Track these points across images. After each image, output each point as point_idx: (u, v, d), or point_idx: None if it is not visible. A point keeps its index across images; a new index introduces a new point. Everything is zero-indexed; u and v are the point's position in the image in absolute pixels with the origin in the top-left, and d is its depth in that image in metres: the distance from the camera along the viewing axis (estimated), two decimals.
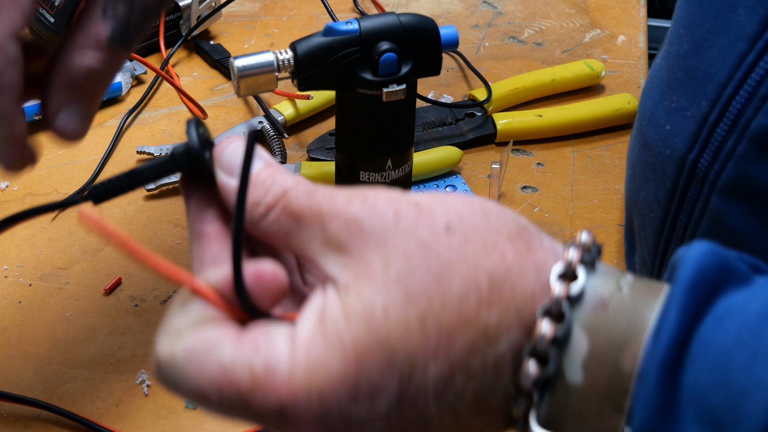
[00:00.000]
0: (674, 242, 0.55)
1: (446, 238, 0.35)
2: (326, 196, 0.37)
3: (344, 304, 0.35)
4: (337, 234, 0.36)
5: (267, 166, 0.38)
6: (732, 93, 0.50)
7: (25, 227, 0.79)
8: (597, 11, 1.07)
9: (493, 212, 0.36)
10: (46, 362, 0.68)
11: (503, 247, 0.35)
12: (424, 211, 0.36)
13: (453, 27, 0.64)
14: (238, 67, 0.61)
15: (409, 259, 0.35)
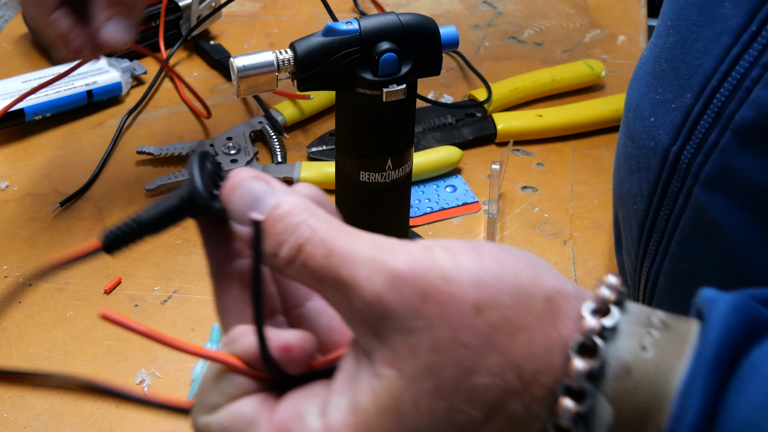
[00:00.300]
0: (656, 234, 0.55)
1: (474, 321, 0.34)
2: (345, 258, 0.35)
3: (375, 393, 0.35)
4: (363, 313, 0.35)
5: (276, 207, 0.37)
6: (716, 85, 0.50)
7: (25, 227, 0.79)
8: (597, 11, 1.07)
9: (525, 285, 0.35)
10: (46, 362, 0.68)
11: (531, 331, 0.35)
12: (452, 287, 0.34)
13: (453, 27, 0.64)
14: (238, 67, 0.61)
15: (436, 349, 0.34)
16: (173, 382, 0.66)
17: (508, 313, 0.34)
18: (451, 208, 0.81)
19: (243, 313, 0.39)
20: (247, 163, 0.84)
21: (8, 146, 0.88)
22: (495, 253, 0.36)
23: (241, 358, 0.37)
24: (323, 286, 0.36)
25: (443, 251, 0.35)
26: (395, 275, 0.34)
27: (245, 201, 0.37)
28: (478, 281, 0.35)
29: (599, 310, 0.35)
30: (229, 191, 0.38)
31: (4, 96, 0.88)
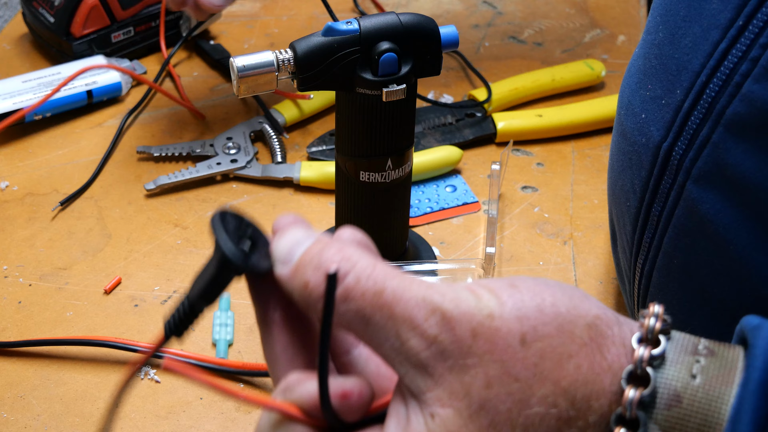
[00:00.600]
0: (649, 231, 0.55)
1: (522, 353, 0.35)
2: (398, 298, 0.36)
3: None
4: (418, 353, 0.36)
5: (319, 242, 0.38)
6: (705, 81, 0.50)
7: (24, 227, 0.79)
8: (597, 11, 1.07)
9: (565, 314, 0.36)
10: (46, 362, 0.68)
11: (577, 358, 0.36)
12: (498, 323, 0.36)
13: (453, 27, 0.64)
14: (238, 67, 0.61)
15: (489, 385, 0.35)
16: (173, 382, 0.66)
17: (553, 343, 0.36)
18: (451, 208, 0.81)
19: (293, 360, 0.40)
20: (247, 162, 0.84)
21: (8, 146, 0.88)
22: (532, 287, 0.37)
23: (299, 405, 0.37)
24: (368, 326, 0.36)
25: (485, 291, 0.37)
26: (448, 316, 0.35)
27: (287, 245, 0.38)
28: (521, 315, 0.36)
29: (646, 339, 0.36)
30: (275, 238, 0.39)
31: (4, 96, 0.88)
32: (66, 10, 0.93)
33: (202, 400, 0.65)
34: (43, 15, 0.95)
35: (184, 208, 0.81)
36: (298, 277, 0.37)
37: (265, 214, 0.80)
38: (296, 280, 0.37)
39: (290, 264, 0.38)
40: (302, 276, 0.37)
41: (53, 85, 0.89)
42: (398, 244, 0.73)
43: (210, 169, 0.83)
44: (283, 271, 0.38)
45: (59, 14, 0.94)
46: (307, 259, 0.37)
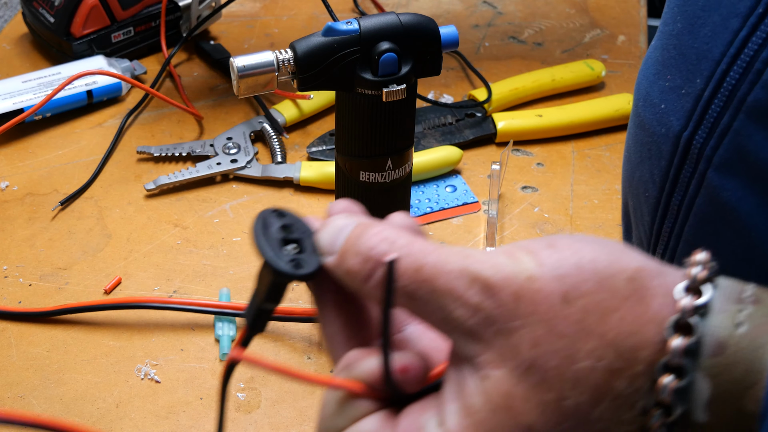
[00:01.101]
0: (669, 220, 0.56)
1: (565, 311, 0.36)
2: (438, 271, 0.37)
3: (486, 394, 0.37)
4: (464, 321, 0.37)
5: (358, 226, 0.39)
6: (726, 69, 0.50)
7: (24, 227, 0.79)
8: (597, 11, 1.07)
9: (605, 269, 0.37)
10: (46, 362, 0.68)
11: (621, 311, 0.36)
12: (538, 285, 0.36)
13: (453, 27, 0.64)
14: (238, 67, 0.61)
15: (536, 344, 0.36)
16: (173, 382, 0.66)
17: (595, 298, 0.36)
18: (451, 208, 0.81)
19: (350, 339, 0.41)
20: (247, 163, 0.84)
21: (8, 146, 0.88)
22: (570, 245, 0.38)
23: (361, 381, 0.39)
24: (413, 301, 0.38)
25: (523, 253, 0.37)
26: (489, 283, 0.37)
27: (330, 235, 0.40)
28: (560, 275, 0.37)
29: (691, 288, 0.37)
30: (319, 230, 0.41)
31: (4, 96, 0.88)
32: (66, 10, 0.93)
33: (202, 401, 0.65)
34: (43, 15, 0.95)
35: (184, 208, 0.81)
36: (342, 264, 0.39)
37: None
38: (341, 268, 0.39)
39: (335, 253, 0.39)
40: (345, 263, 0.39)
41: (53, 85, 0.89)
42: None
43: (210, 169, 0.83)
44: (329, 261, 0.40)
45: (59, 14, 0.94)
46: (348, 245, 0.39)
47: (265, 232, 0.40)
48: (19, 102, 0.87)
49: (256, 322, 0.41)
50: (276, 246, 0.39)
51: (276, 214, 0.41)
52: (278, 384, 0.66)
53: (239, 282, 0.74)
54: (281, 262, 0.39)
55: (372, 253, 0.38)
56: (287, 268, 0.39)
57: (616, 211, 0.80)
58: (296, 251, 0.40)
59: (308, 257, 0.40)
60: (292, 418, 0.64)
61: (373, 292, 0.38)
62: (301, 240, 0.40)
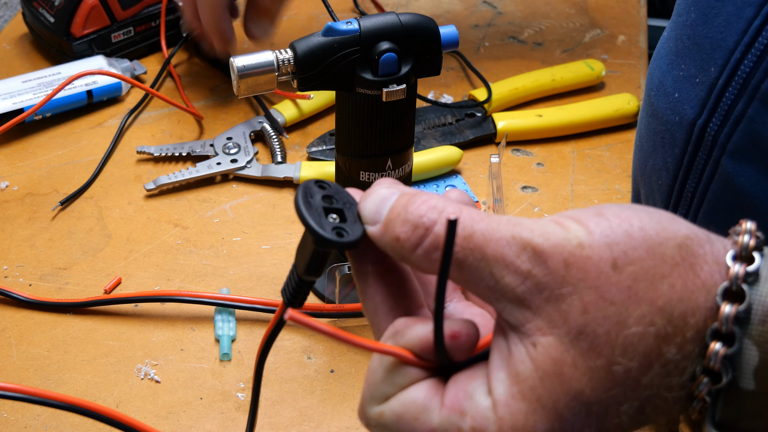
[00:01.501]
0: (683, 207, 0.57)
1: (615, 277, 0.36)
2: (488, 239, 0.37)
3: (535, 360, 0.37)
4: (513, 288, 0.37)
5: (403, 195, 0.39)
6: (740, 58, 0.51)
7: (24, 227, 0.79)
8: (597, 11, 1.07)
9: (654, 236, 0.37)
10: (46, 362, 0.68)
11: (670, 278, 0.36)
12: (588, 252, 0.37)
13: (453, 27, 0.64)
14: (238, 67, 0.61)
15: (586, 310, 0.36)
16: (173, 382, 0.66)
17: (645, 265, 0.37)
18: None
19: (394, 309, 0.42)
20: (247, 163, 0.84)
21: (8, 146, 0.88)
22: (618, 213, 0.38)
23: (410, 349, 0.39)
24: (462, 269, 0.37)
25: (572, 221, 0.38)
26: (539, 250, 0.37)
27: (374, 204, 0.40)
28: (610, 242, 0.37)
29: (740, 256, 0.37)
30: (361, 200, 0.41)
31: (4, 96, 0.88)
32: (66, 10, 0.93)
33: (202, 400, 0.65)
34: (43, 15, 0.95)
35: (184, 208, 0.81)
36: (388, 233, 0.39)
37: (265, 214, 0.80)
38: (387, 236, 0.39)
39: (379, 222, 0.39)
40: (392, 231, 0.39)
41: (53, 85, 0.89)
42: None
43: (210, 169, 0.83)
44: (374, 230, 0.40)
45: (59, 14, 0.94)
46: (395, 214, 0.39)
47: (307, 201, 0.40)
48: (19, 102, 0.87)
49: (297, 295, 0.41)
50: (319, 215, 0.39)
51: (318, 185, 0.41)
52: (278, 384, 0.66)
53: (239, 282, 0.74)
54: (325, 230, 0.38)
55: (422, 220, 0.38)
56: (331, 235, 0.38)
57: None
58: (339, 220, 0.40)
59: (351, 226, 0.40)
60: (292, 418, 0.64)
61: (421, 260, 0.38)
62: (343, 210, 0.40)
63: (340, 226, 0.39)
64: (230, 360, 0.68)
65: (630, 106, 0.89)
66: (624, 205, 0.39)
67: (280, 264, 0.76)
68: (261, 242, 0.78)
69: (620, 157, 0.86)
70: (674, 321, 0.36)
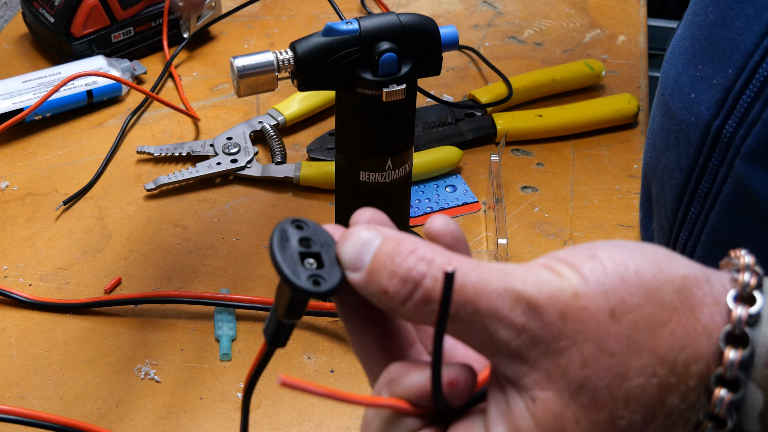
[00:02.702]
0: (695, 207, 0.56)
1: (614, 327, 0.35)
2: (479, 291, 0.35)
3: (535, 416, 0.36)
4: (508, 342, 0.35)
5: (386, 241, 0.37)
6: (759, 61, 0.51)
7: (24, 227, 0.79)
8: (597, 11, 1.07)
9: (651, 280, 0.36)
10: (46, 362, 0.68)
11: (671, 324, 0.35)
12: (584, 302, 0.35)
13: (453, 27, 0.64)
14: (238, 67, 0.61)
15: (585, 363, 0.35)
16: (173, 382, 0.66)
17: (644, 312, 0.35)
18: (451, 207, 0.81)
19: (385, 351, 0.40)
20: (247, 162, 0.84)
21: (8, 146, 0.88)
22: (613, 255, 0.36)
23: (406, 398, 0.38)
24: (454, 322, 0.36)
25: (566, 267, 0.36)
26: (533, 303, 0.35)
27: (354, 249, 0.37)
28: (606, 289, 0.35)
29: (741, 296, 0.36)
30: (340, 243, 0.38)
31: (4, 96, 0.88)
32: (66, 10, 0.93)
33: (202, 400, 0.65)
34: (43, 15, 0.95)
35: (184, 208, 0.81)
36: (374, 284, 0.36)
37: (265, 214, 0.80)
38: (372, 287, 0.37)
39: (362, 270, 0.37)
40: (378, 283, 0.36)
41: (53, 85, 0.89)
42: None
43: (210, 169, 0.83)
44: (356, 278, 0.37)
45: (59, 14, 0.94)
46: (380, 264, 0.36)
47: (282, 246, 0.38)
48: (19, 102, 0.87)
49: (277, 337, 0.40)
50: (294, 261, 0.38)
51: (295, 225, 0.39)
52: None
53: (239, 282, 0.74)
54: (300, 279, 0.37)
55: (411, 274, 0.36)
56: (306, 285, 0.37)
57: (616, 211, 0.80)
58: (316, 266, 0.38)
59: (328, 272, 0.38)
60: (292, 418, 0.64)
61: (411, 314, 0.36)
62: (320, 254, 0.38)
63: (316, 273, 0.37)
64: (230, 360, 0.68)
65: (630, 106, 0.89)
66: (617, 243, 0.37)
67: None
68: (261, 242, 0.78)
69: (620, 157, 0.86)
70: (677, 370, 0.35)
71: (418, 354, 0.41)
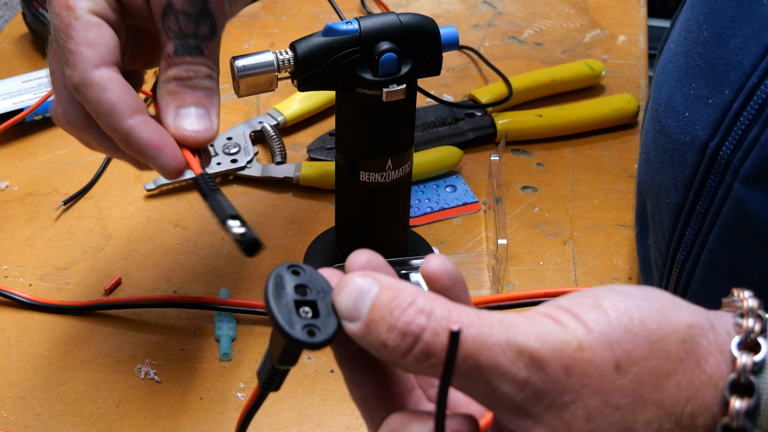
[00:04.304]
0: (692, 228, 0.55)
1: (619, 380, 0.34)
2: (480, 345, 0.35)
3: None
4: (512, 397, 0.35)
5: (384, 291, 0.36)
6: (756, 83, 0.50)
7: (24, 227, 0.79)
8: (597, 11, 1.07)
9: (656, 331, 0.35)
10: (46, 362, 0.68)
11: (676, 376, 0.35)
12: (589, 354, 0.35)
13: (453, 27, 0.64)
14: (238, 67, 0.61)
15: (590, 417, 0.34)
16: (173, 382, 0.66)
17: (649, 364, 0.35)
18: (451, 208, 0.81)
19: (385, 398, 0.39)
20: (247, 162, 0.84)
21: (8, 146, 0.88)
22: (617, 304, 0.35)
23: None
24: (456, 377, 0.35)
25: (568, 316, 0.35)
26: (536, 356, 0.34)
27: (351, 299, 0.37)
28: (611, 341, 0.35)
29: (746, 343, 0.35)
30: (336, 291, 0.37)
31: (4, 96, 0.88)
32: None
33: (202, 400, 0.65)
34: (43, 15, 0.95)
35: (184, 208, 0.81)
36: (372, 335, 0.36)
37: (265, 214, 0.80)
38: (371, 339, 0.36)
39: (359, 321, 0.36)
40: (377, 336, 0.35)
41: None
42: (398, 244, 0.73)
43: (210, 169, 0.83)
44: (354, 328, 0.36)
45: None
46: (378, 316, 0.36)
47: (278, 293, 0.37)
48: (19, 102, 0.87)
49: (271, 381, 0.39)
50: (290, 310, 0.37)
51: (291, 271, 0.38)
52: None
53: (239, 282, 0.74)
54: (294, 330, 0.36)
55: (411, 327, 0.35)
56: (301, 335, 0.36)
57: (616, 211, 0.80)
58: (312, 315, 0.37)
59: (324, 321, 0.37)
60: (292, 418, 0.64)
61: (410, 366, 0.35)
62: (316, 302, 0.38)
63: (311, 323, 0.36)
64: (230, 360, 0.68)
65: (630, 106, 0.89)
66: (620, 290, 0.36)
67: (280, 264, 0.75)
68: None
69: (620, 157, 0.86)
70: (683, 423, 0.34)
71: (417, 400, 0.40)
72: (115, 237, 0.78)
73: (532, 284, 0.74)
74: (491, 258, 0.71)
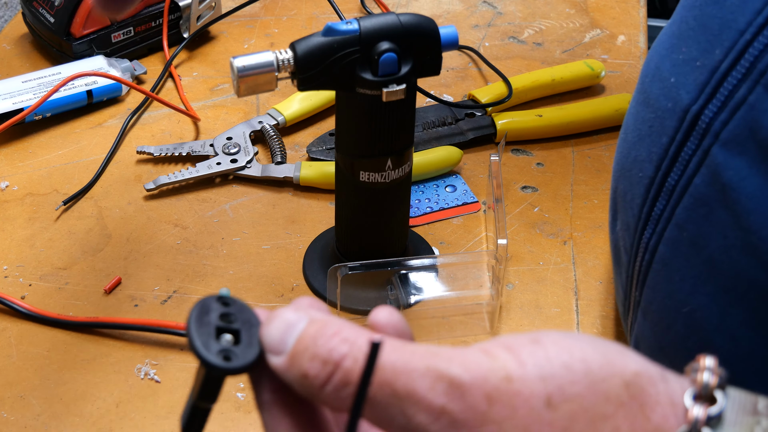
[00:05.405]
0: (661, 201, 0.53)
1: (549, 416, 0.32)
2: (398, 371, 0.33)
3: None
4: (426, 428, 0.32)
5: (312, 323, 0.35)
6: (749, 39, 0.47)
7: (24, 227, 0.79)
8: (597, 11, 1.07)
9: (597, 371, 0.33)
10: (46, 362, 0.68)
11: (614, 420, 0.32)
12: (518, 386, 0.32)
13: (453, 27, 0.64)
14: (238, 67, 0.61)
15: None
16: (173, 382, 0.66)
17: (584, 403, 0.32)
18: (451, 208, 0.81)
19: None
20: (247, 162, 0.84)
21: (8, 146, 0.88)
22: (558, 341, 0.33)
23: None
24: (372, 408, 0.33)
25: (502, 350, 0.33)
26: (456, 382, 0.32)
27: (278, 331, 0.35)
28: (544, 374, 0.32)
29: (701, 396, 0.33)
30: (264, 324, 0.36)
31: (4, 96, 0.88)
32: (66, 10, 0.94)
33: None
34: (43, 15, 0.95)
35: (184, 208, 0.81)
36: (295, 367, 0.34)
37: (265, 214, 0.81)
38: (293, 371, 0.34)
39: (284, 354, 0.35)
40: (299, 367, 0.34)
41: (53, 85, 0.89)
42: (398, 244, 0.73)
43: (210, 169, 0.83)
44: (278, 362, 0.35)
45: (59, 14, 0.94)
46: (302, 347, 0.34)
47: (200, 319, 0.36)
48: (19, 102, 0.87)
49: (191, 422, 0.37)
50: (209, 334, 0.35)
51: (221, 302, 0.37)
52: None
53: (239, 282, 0.74)
54: (209, 352, 0.35)
55: (332, 355, 0.33)
56: (215, 359, 0.35)
57: None
58: (233, 342, 0.36)
59: (244, 350, 0.36)
60: None
61: (330, 399, 0.34)
62: (240, 331, 0.36)
63: (229, 349, 0.35)
64: None
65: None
66: (567, 332, 0.34)
67: (280, 264, 0.76)
68: (261, 242, 0.78)
69: None
70: None
71: None
72: (114, 237, 0.78)
73: (532, 284, 0.74)
74: (491, 258, 0.71)
